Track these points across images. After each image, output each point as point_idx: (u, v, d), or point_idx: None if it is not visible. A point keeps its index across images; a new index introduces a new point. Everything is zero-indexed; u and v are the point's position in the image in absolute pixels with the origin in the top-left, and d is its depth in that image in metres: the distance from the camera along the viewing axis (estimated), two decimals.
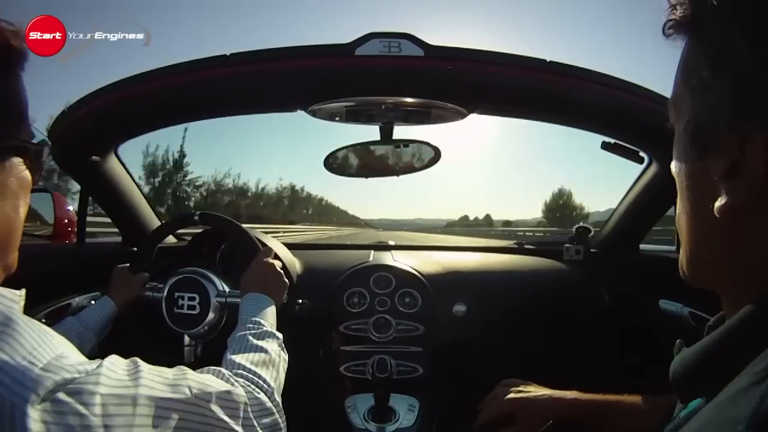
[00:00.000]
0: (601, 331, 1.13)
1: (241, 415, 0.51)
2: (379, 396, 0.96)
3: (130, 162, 1.16)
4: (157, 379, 0.43)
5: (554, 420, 0.65)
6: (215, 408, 0.47)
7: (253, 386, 0.56)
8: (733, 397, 0.24)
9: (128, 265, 0.98)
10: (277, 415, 0.56)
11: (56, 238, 1.13)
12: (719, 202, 0.29)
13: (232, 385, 0.52)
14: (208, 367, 0.55)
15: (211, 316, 0.92)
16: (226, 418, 0.48)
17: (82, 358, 0.39)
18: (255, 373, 0.58)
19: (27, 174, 0.42)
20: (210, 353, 0.91)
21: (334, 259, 1.28)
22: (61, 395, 0.34)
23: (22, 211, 0.42)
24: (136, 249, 1.09)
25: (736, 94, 0.28)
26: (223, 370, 0.55)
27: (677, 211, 0.36)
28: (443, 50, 0.75)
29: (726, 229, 0.30)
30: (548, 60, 0.77)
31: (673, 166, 0.35)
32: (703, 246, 0.33)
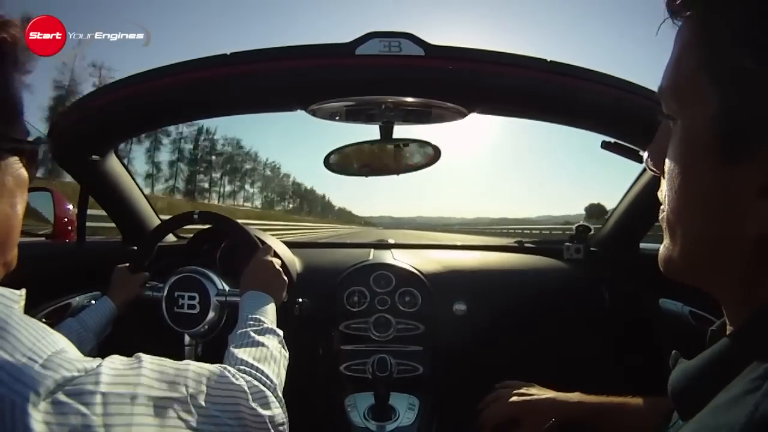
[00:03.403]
0: (601, 329, 1.13)
1: (243, 413, 0.51)
2: (379, 395, 0.96)
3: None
4: (156, 377, 0.43)
5: (558, 422, 0.65)
6: (217, 405, 0.48)
7: (255, 381, 0.56)
8: (729, 403, 0.23)
9: (128, 264, 0.98)
10: (281, 410, 0.56)
11: (56, 237, 1.13)
12: (759, 227, 0.24)
13: (236, 380, 0.52)
14: (212, 364, 0.55)
15: (211, 315, 0.92)
16: (228, 417, 0.48)
17: (82, 355, 0.39)
18: (257, 369, 0.59)
19: (24, 172, 0.42)
20: (210, 353, 0.91)
21: (333, 258, 1.28)
22: (62, 396, 0.34)
23: (20, 209, 0.42)
24: (135, 248, 1.09)
25: None
26: (228, 366, 0.55)
27: (670, 209, 0.31)
28: (443, 50, 0.75)
29: (752, 248, 0.25)
30: (548, 60, 0.77)
31: (668, 164, 0.30)
32: (707, 255, 0.29)
